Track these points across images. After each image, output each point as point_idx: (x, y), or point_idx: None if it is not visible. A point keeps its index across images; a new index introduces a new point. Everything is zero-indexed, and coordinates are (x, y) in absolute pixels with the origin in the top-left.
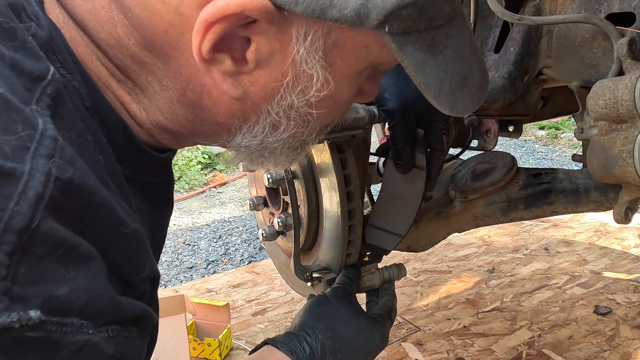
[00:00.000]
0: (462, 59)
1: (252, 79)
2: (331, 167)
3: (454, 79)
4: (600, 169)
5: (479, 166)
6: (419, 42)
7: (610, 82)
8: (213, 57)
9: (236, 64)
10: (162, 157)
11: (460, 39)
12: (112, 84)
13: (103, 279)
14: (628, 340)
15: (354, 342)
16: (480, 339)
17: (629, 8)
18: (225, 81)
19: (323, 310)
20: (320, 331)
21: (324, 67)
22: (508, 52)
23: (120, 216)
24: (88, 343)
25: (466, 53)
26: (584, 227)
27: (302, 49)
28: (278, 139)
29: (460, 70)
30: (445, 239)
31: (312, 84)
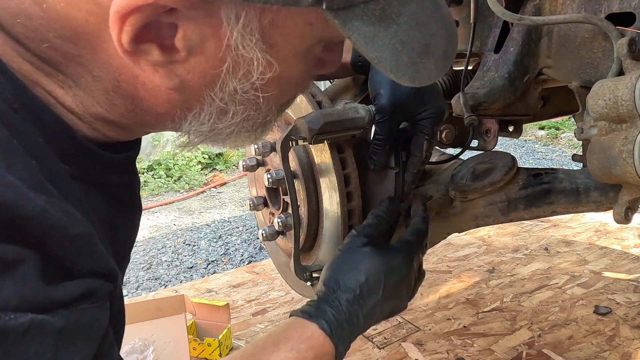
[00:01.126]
0: (423, 25)
1: (188, 68)
2: (331, 167)
3: (413, 48)
4: (600, 169)
5: (479, 166)
6: (367, 15)
7: (610, 82)
8: (137, 48)
9: (166, 53)
10: (116, 157)
11: (419, 3)
12: (41, 79)
13: (33, 279)
14: (628, 340)
15: (373, 284)
16: (480, 339)
17: (629, 8)
18: (157, 72)
19: (339, 265)
20: (340, 288)
21: (264, 49)
22: (508, 52)
23: (55, 223)
24: (33, 322)
25: (427, 17)
26: (584, 227)
27: (235, 32)
28: (229, 123)
29: (421, 38)
30: (445, 239)
31: (253, 67)
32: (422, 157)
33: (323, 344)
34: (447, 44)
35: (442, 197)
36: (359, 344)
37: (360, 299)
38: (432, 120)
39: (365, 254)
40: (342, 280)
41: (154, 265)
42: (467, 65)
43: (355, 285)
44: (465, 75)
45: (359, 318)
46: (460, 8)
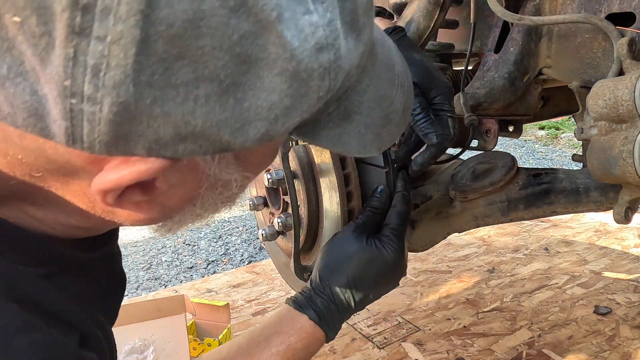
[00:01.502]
0: (382, 99)
1: (168, 196)
2: (331, 167)
3: (376, 124)
4: (600, 169)
5: (479, 166)
6: (332, 121)
7: (610, 82)
8: (119, 199)
9: (147, 192)
10: (93, 256)
11: (376, 81)
12: (8, 202)
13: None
14: (628, 340)
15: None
16: (480, 339)
17: (629, 8)
18: (139, 207)
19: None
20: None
21: (240, 170)
22: (508, 52)
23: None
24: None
25: (384, 89)
26: (584, 227)
27: (212, 167)
28: (208, 215)
29: (382, 111)
30: (445, 239)
31: (231, 184)
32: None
33: (313, 332)
34: (405, 101)
35: (442, 197)
36: (359, 344)
37: (352, 287)
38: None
39: (358, 245)
40: (335, 270)
41: (154, 265)
42: (467, 65)
43: (347, 274)
44: (465, 75)
45: (350, 304)
46: (460, 8)
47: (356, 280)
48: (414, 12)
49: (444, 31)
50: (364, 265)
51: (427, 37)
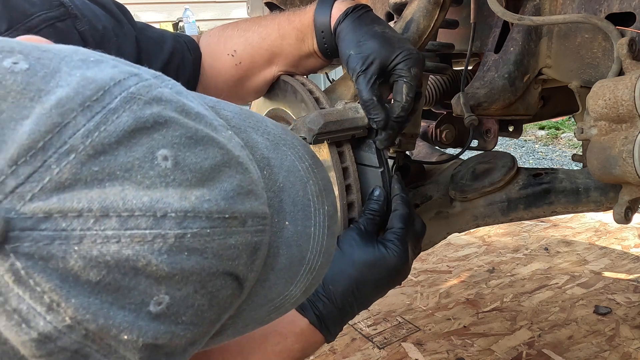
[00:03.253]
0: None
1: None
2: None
3: (255, 323)
4: (600, 169)
5: (479, 166)
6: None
7: (610, 82)
8: None
9: None
10: None
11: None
12: None
13: None
14: (628, 340)
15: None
16: (480, 339)
17: (629, 8)
18: None
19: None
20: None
21: None
22: (508, 52)
23: None
24: None
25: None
26: (584, 227)
27: None
28: None
29: (266, 312)
30: (445, 239)
31: None
32: (402, 102)
33: (311, 336)
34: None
35: (442, 197)
36: (359, 344)
37: (355, 292)
38: (407, 62)
39: (360, 249)
40: (338, 274)
41: None
42: (467, 65)
43: (350, 279)
44: (465, 75)
45: (352, 308)
46: (460, 8)
47: (359, 285)
48: (414, 11)
49: (444, 31)
50: (368, 270)
51: (427, 37)
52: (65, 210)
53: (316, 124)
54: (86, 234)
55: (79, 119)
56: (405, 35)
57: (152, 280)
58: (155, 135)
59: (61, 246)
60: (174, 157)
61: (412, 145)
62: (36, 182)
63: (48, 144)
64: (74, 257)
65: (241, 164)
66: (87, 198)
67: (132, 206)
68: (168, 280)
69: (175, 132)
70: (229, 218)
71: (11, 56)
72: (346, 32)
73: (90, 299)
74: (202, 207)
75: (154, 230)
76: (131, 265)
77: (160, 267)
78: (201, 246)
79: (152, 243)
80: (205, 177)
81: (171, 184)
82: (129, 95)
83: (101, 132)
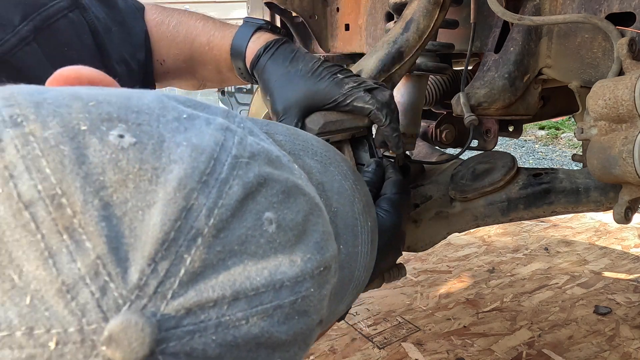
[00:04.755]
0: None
1: None
2: None
3: None
4: (600, 169)
5: (479, 166)
6: None
7: (610, 82)
8: None
9: None
10: None
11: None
12: None
13: None
14: (628, 340)
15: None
16: (480, 339)
17: (629, 8)
18: None
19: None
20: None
21: None
22: (508, 52)
23: None
24: None
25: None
26: (584, 227)
27: None
28: None
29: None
30: (445, 239)
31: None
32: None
33: None
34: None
35: (442, 197)
36: (359, 344)
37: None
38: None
39: None
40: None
41: None
42: (467, 65)
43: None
44: (465, 75)
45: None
46: (460, 8)
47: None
48: (414, 11)
49: (444, 31)
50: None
51: (427, 37)
52: (203, 302)
53: (316, 123)
54: (221, 321)
55: (200, 199)
56: (405, 35)
57: (270, 350)
58: (259, 199)
59: (201, 338)
60: (276, 219)
61: (412, 145)
62: (173, 277)
63: (178, 233)
64: (212, 346)
65: (318, 206)
66: (219, 285)
67: (257, 284)
68: (281, 347)
69: (273, 190)
70: (324, 270)
71: (113, 127)
72: (264, 72)
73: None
74: (307, 269)
75: (273, 303)
76: (256, 341)
77: (279, 337)
78: (307, 307)
79: (273, 316)
80: (300, 232)
81: (279, 249)
82: (233, 160)
83: (219, 209)
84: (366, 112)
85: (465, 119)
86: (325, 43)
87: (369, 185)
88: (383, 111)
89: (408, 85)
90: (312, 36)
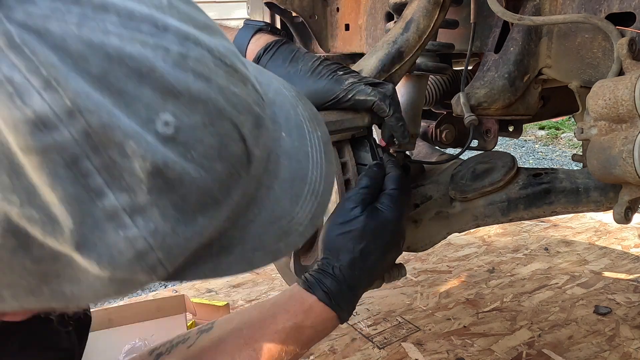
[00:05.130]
0: (279, 219)
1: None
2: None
3: (268, 244)
4: (600, 169)
5: (479, 166)
6: (201, 259)
7: (610, 82)
8: None
9: None
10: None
11: (271, 203)
12: None
13: None
14: (628, 340)
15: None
16: (480, 339)
17: (629, 8)
18: None
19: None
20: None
21: None
22: (508, 52)
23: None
24: None
25: (284, 206)
26: (584, 227)
27: None
28: None
29: (277, 230)
30: (445, 239)
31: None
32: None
33: (322, 312)
34: (317, 207)
35: (442, 197)
36: (359, 344)
37: (359, 262)
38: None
39: (357, 219)
40: (339, 248)
41: None
42: (467, 65)
43: (352, 250)
44: (465, 75)
45: (361, 280)
46: (460, 8)
47: (363, 255)
48: (414, 11)
49: (444, 31)
50: (366, 238)
51: (427, 37)
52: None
53: None
54: (85, 20)
55: None
56: (405, 35)
57: (158, 93)
58: None
59: (59, 24)
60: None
61: (412, 145)
62: None
63: None
64: (74, 38)
65: (235, 52)
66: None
67: (132, 10)
68: (174, 98)
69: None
70: (229, 66)
71: None
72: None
73: (92, 90)
74: (202, 39)
75: (155, 38)
76: (135, 66)
77: (166, 78)
78: (206, 73)
79: (155, 50)
80: (202, 27)
81: (169, 12)
82: None
83: None
84: (369, 104)
85: (465, 119)
86: (325, 43)
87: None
88: (386, 102)
89: (408, 85)
90: (312, 36)
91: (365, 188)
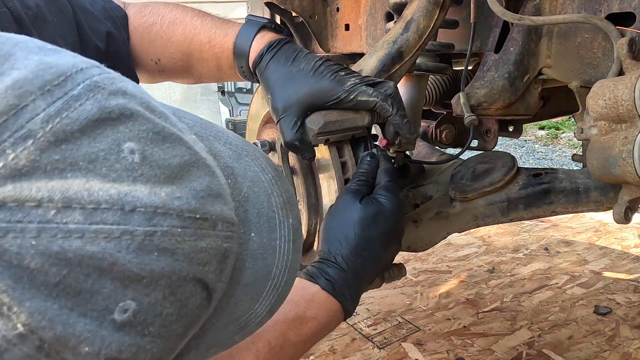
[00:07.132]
0: (235, 320)
1: None
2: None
3: (223, 341)
4: (600, 169)
5: (479, 166)
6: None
7: (610, 82)
8: None
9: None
10: None
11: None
12: None
13: None
14: (628, 340)
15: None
16: (480, 339)
17: (629, 8)
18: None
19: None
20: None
21: None
22: (508, 52)
23: None
24: None
25: (243, 309)
26: (584, 227)
27: None
28: None
29: (233, 329)
30: (445, 239)
31: None
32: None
33: (325, 302)
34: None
35: (442, 197)
36: (359, 344)
37: (361, 252)
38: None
39: (356, 208)
40: (340, 238)
41: None
42: (467, 65)
43: (352, 238)
44: (465, 75)
45: (364, 268)
46: (460, 8)
47: (364, 244)
48: (414, 11)
49: (444, 31)
50: (369, 226)
51: (427, 37)
52: (22, 200)
53: (316, 123)
54: (45, 227)
55: (38, 102)
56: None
57: (118, 284)
58: (121, 128)
59: (16, 240)
60: (141, 151)
61: (412, 145)
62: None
63: (2, 127)
64: (31, 252)
65: (209, 167)
66: (48, 187)
67: (98, 198)
68: (136, 283)
69: (142, 127)
70: (199, 219)
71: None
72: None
73: (48, 303)
74: (172, 204)
75: (121, 226)
76: (96, 264)
77: (128, 267)
78: (172, 246)
79: (120, 240)
80: (174, 175)
81: (139, 178)
82: (92, 83)
83: (63, 119)
84: (371, 105)
85: (465, 119)
86: (325, 43)
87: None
88: (388, 101)
89: (408, 85)
90: (312, 36)
91: (361, 180)
